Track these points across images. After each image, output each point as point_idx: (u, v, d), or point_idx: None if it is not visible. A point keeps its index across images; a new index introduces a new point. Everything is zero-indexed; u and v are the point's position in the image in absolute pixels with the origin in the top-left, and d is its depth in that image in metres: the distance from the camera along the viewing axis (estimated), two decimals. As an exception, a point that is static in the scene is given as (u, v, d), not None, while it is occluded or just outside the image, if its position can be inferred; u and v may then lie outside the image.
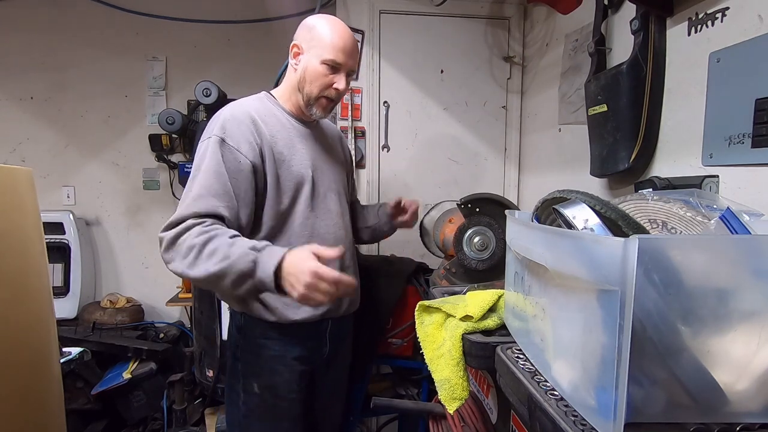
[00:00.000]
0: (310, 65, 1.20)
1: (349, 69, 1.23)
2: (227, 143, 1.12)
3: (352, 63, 1.23)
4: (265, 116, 1.21)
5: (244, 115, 1.17)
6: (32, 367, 1.13)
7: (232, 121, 1.15)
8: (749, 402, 0.53)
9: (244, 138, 1.14)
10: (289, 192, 1.20)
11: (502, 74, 2.12)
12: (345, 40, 1.20)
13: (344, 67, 1.21)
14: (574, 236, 0.61)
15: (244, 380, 1.22)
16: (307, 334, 1.25)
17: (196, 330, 1.95)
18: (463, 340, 0.88)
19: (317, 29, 1.20)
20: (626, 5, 1.33)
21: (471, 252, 1.41)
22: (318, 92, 1.21)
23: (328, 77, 1.20)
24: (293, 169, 1.21)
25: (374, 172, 2.07)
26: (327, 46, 1.18)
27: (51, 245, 2.39)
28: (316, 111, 1.24)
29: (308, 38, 1.21)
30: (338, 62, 1.19)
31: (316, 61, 1.19)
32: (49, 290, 1.23)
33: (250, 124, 1.16)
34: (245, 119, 1.16)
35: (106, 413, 2.29)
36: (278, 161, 1.19)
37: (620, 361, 0.49)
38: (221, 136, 1.12)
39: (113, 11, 2.60)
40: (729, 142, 0.98)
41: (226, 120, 1.15)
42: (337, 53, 1.18)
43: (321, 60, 1.18)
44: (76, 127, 2.68)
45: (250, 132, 1.15)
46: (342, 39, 1.19)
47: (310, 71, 1.20)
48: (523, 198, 2.16)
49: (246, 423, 1.23)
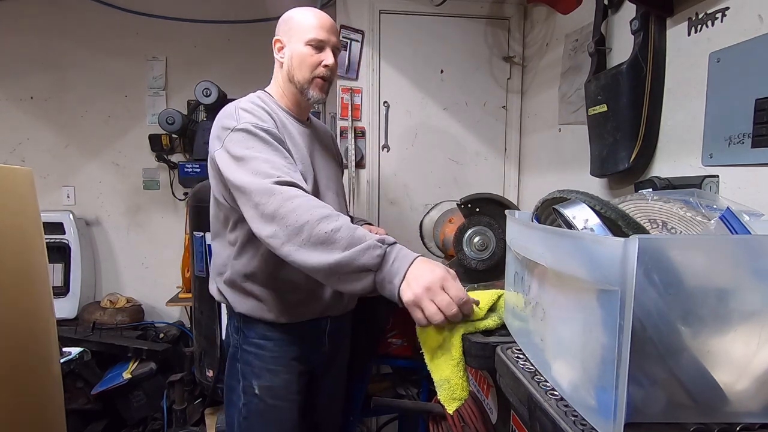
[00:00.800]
0: (294, 52, 1.21)
1: (333, 45, 1.23)
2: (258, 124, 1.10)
3: (335, 39, 1.24)
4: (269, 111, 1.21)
5: (257, 106, 1.17)
6: (32, 367, 1.13)
7: (252, 110, 1.15)
8: (749, 402, 0.53)
9: (269, 121, 1.14)
10: None
11: (502, 74, 2.12)
12: (321, 19, 1.21)
13: (328, 43, 1.21)
14: (574, 236, 0.61)
15: (243, 381, 1.22)
16: (307, 334, 1.25)
17: (196, 330, 1.95)
18: (463, 340, 0.88)
19: (293, 18, 1.23)
20: (626, 5, 1.33)
21: (471, 252, 1.41)
22: (310, 74, 1.21)
23: (315, 56, 1.20)
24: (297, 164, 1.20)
25: (374, 172, 2.07)
26: (306, 28, 1.20)
27: (51, 245, 2.39)
28: (313, 94, 1.23)
29: (287, 29, 1.23)
30: (321, 39, 1.20)
31: (300, 45, 1.20)
32: (49, 290, 1.23)
33: (265, 114, 1.16)
34: (259, 109, 1.16)
35: (106, 413, 2.30)
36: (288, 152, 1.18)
37: (620, 361, 0.49)
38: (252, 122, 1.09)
39: (113, 11, 2.60)
40: (729, 142, 0.98)
41: (244, 110, 1.14)
42: (317, 31, 1.19)
43: (304, 42, 1.20)
44: (76, 127, 2.68)
45: (269, 120, 1.15)
46: (318, 18, 1.21)
47: (296, 57, 1.21)
48: (523, 198, 2.16)
49: (246, 424, 1.22)
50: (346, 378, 1.47)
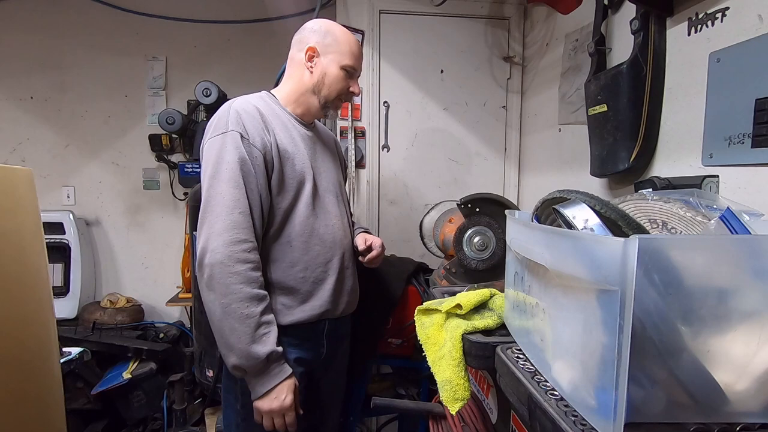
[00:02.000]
0: (329, 70, 1.23)
1: (359, 73, 1.31)
2: (246, 138, 1.12)
3: (361, 68, 1.31)
4: (268, 114, 1.21)
5: (253, 110, 1.17)
6: (32, 367, 1.12)
7: (244, 115, 1.15)
8: (749, 402, 0.53)
9: (257, 132, 1.14)
10: (291, 190, 1.20)
11: (502, 74, 2.12)
12: (358, 47, 1.27)
13: (358, 72, 1.29)
14: (574, 236, 0.61)
15: (240, 383, 1.22)
16: (305, 336, 1.24)
17: (196, 330, 1.95)
18: (463, 340, 0.88)
19: (334, 34, 1.24)
20: (626, 5, 1.33)
21: (471, 252, 1.41)
22: (336, 95, 1.26)
23: (346, 82, 1.26)
24: (296, 167, 1.21)
25: (374, 172, 2.07)
26: (346, 52, 1.24)
27: (51, 245, 2.39)
28: (331, 112, 1.30)
29: (325, 43, 1.23)
30: (356, 68, 1.26)
31: (335, 66, 1.23)
32: (49, 290, 1.23)
33: (260, 119, 1.16)
34: (255, 113, 1.16)
35: (106, 413, 2.30)
36: (284, 158, 1.18)
37: (620, 361, 0.49)
38: (239, 131, 1.12)
39: (113, 11, 2.60)
40: (729, 142, 0.98)
41: (238, 114, 1.14)
42: (355, 60, 1.25)
43: (341, 65, 1.23)
44: (76, 127, 2.68)
45: (261, 127, 1.15)
46: (357, 47, 1.27)
47: (330, 76, 1.24)
48: (523, 198, 2.16)
49: (244, 426, 1.22)
50: (346, 378, 1.47)
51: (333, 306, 1.26)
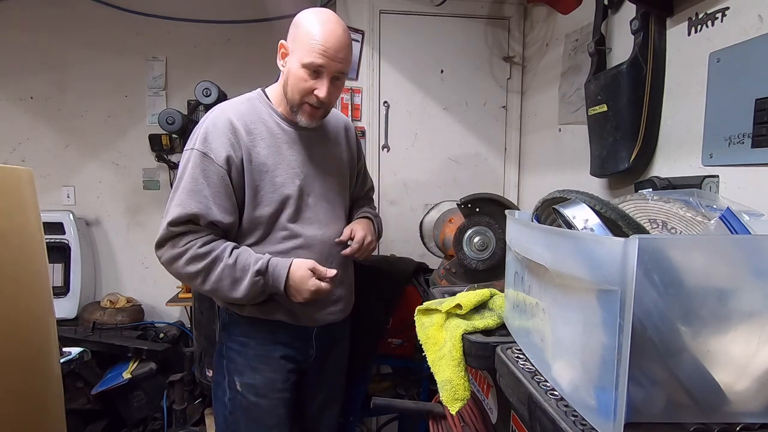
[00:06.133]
0: (292, 69, 1.12)
1: (335, 72, 1.11)
2: (208, 156, 1.12)
3: (339, 66, 1.10)
4: (251, 122, 1.17)
5: (224, 124, 1.14)
6: (32, 367, 1.13)
7: (213, 133, 1.13)
8: (749, 402, 0.53)
9: (224, 149, 1.12)
10: (273, 203, 1.17)
11: (502, 74, 2.12)
12: (328, 38, 1.07)
13: (327, 70, 1.10)
14: (574, 236, 0.61)
15: (228, 377, 1.23)
16: (293, 335, 1.24)
17: (196, 330, 1.95)
18: (463, 340, 0.88)
19: (302, 27, 1.11)
20: (626, 5, 1.33)
21: (471, 252, 1.41)
22: (299, 98, 1.13)
23: (309, 82, 1.10)
24: (277, 180, 1.17)
25: (374, 172, 2.06)
26: (307, 47, 1.08)
27: (51, 245, 2.39)
28: (301, 119, 1.17)
29: (293, 37, 1.13)
30: (319, 64, 1.08)
31: (296, 64, 1.10)
32: (49, 290, 1.23)
33: (230, 134, 1.14)
34: (225, 129, 1.14)
35: (106, 413, 2.30)
36: (260, 171, 1.16)
37: (620, 361, 0.49)
38: (203, 150, 1.13)
39: (113, 11, 2.59)
40: (729, 142, 0.98)
41: (207, 131, 1.14)
42: (317, 55, 1.07)
43: (301, 63, 1.09)
44: (76, 127, 2.67)
45: (230, 143, 1.13)
46: (324, 37, 1.07)
47: (292, 75, 1.12)
48: (523, 198, 2.16)
49: (231, 419, 1.23)
50: (346, 378, 1.46)
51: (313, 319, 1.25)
